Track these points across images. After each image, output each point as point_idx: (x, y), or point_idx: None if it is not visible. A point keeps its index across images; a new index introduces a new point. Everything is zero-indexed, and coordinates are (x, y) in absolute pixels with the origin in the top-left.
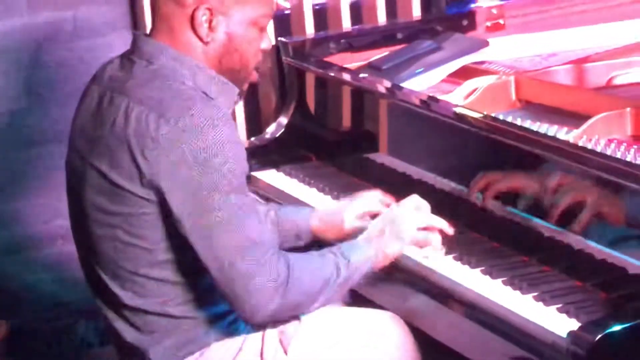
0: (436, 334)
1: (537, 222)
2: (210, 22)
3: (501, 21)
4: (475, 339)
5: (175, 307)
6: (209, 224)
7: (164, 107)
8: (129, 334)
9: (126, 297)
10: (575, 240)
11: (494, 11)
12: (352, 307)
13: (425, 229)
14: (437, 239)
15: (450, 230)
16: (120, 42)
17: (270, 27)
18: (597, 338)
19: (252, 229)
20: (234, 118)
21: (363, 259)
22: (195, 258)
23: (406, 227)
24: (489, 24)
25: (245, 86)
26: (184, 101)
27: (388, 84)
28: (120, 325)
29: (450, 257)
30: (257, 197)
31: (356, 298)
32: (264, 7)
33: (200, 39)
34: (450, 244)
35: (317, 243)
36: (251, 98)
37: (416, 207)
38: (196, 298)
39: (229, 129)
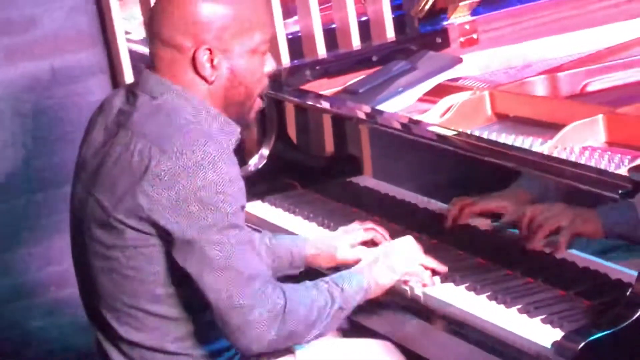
0: (428, 355)
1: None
2: (211, 61)
3: (474, 36)
4: (463, 356)
5: (172, 343)
6: (207, 259)
7: (166, 141)
8: None
9: (123, 331)
10: (556, 250)
11: (467, 27)
12: (347, 338)
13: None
14: (427, 274)
15: (443, 268)
16: (99, 87)
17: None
18: (580, 347)
19: (248, 263)
20: None
21: (356, 288)
22: (194, 292)
23: (399, 261)
24: (462, 39)
25: (253, 115)
26: (186, 137)
27: (367, 109)
28: (116, 358)
29: (437, 277)
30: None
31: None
32: (262, 34)
33: (205, 79)
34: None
35: (309, 271)
36: None
37: (410, 246)
38: (194, 334)
39: (229, 167)
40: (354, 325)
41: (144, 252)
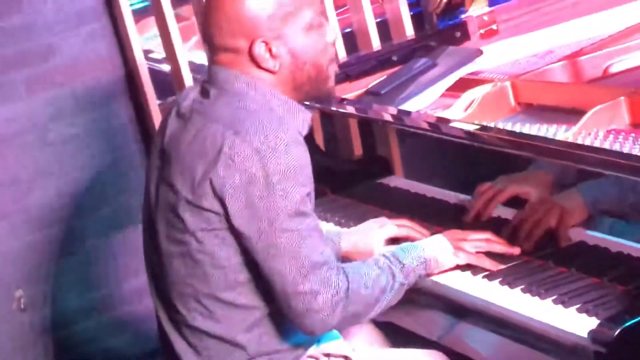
0: (469, 354)
1: None
2: (270, 51)
3: (494, 27)
4: (501, 352)
5: (242, 334)
6: (274, 245)
7: (239, 125)
8: (186, 355)
9: (191, 318)
10: (589, 236)
11: (486, 18)
12: (396, 349)
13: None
14: (490, 265)
15: (515, 250)
16: (123, 111)
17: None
18: (616, 333)
19: (314, 250)
20: None
21: (417, 262)
22: (262, 279)
23: (463, 246)
24: (482, 31)
25: (332, 83)
26: (259, 122)
27: (392, 110)
28: (179, 347)
29: (468, 272)
30: None
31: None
32: (311, 9)
33: (269, 71)
34: None
35: None
36: None
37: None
38: (263, 326)
39: (300, 153)
40: (400, 333)
41: (216, 236)
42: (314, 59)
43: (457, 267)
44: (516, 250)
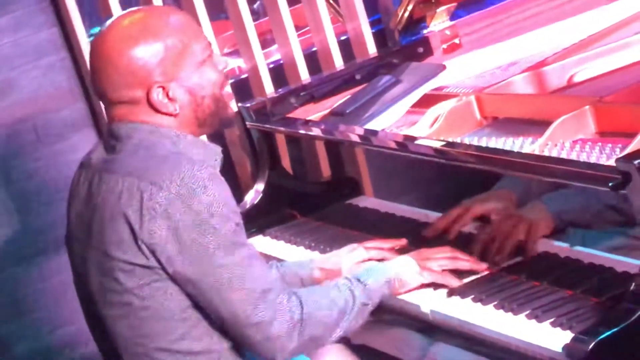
0: None
1: None
2: (167, 95)
3: (457, 41)
4: None
5: None
6: (217, 283)
7: (153, 174)
8: None
9: None
10: (560, 249)
11: (448, 32)
12: None
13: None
14: (455, 282)
15: (481, 266)
16: (86, 142)
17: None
18: (591, 347)
19: (258, 279)
20: None
21: (381, 282)
22: (213, 318)
23: (431, 265)
24: (445, 46)
25: (230, 110)
26: (171, 166)
27: (358, 130)
28: None
29: (441, 290)
30: None
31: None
32: (199, 43)
33: (170, 114)
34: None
35: None
36: (227, 167)
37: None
38: None
39: (219, 188)
40: (361, 349)
41: (158, 288)
42: (210, 91)
43: (430, 285)
44: (482, 266)
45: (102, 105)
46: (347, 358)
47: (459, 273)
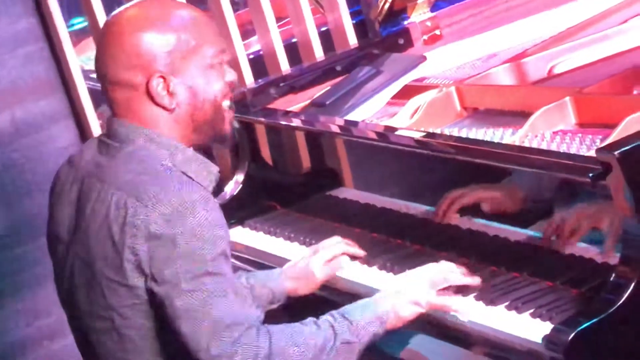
0: None
1: (500, 227)
2: (167, 88)
3: (437, 32)
4: None
5: None
6: (184, 307)
7: (141, 191)
8: None
9: None
10: (539, 240)
11: (428, 23)
12: None
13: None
14: (457, 302)
15: (475, 281)
16: (64, 133)
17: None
18: (570, 338)
19: (227, 311)
20: None
21: (370, 318)
22: (176, 343)
23: (422, 292)
24: (425, 37)
25: (228, 127)
26: (162, 184)
27: (338, 121)
28: None
29: None
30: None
31: None
32: (212, 47)
33: (165, 108)
34: None
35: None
36: (207, 158)
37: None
38: None
39: (207, 212)
40: None
41: (140, 310)
42: (212, 98)
43: None
44: (476, 281)
45: (104, 94)
46: None
47: None
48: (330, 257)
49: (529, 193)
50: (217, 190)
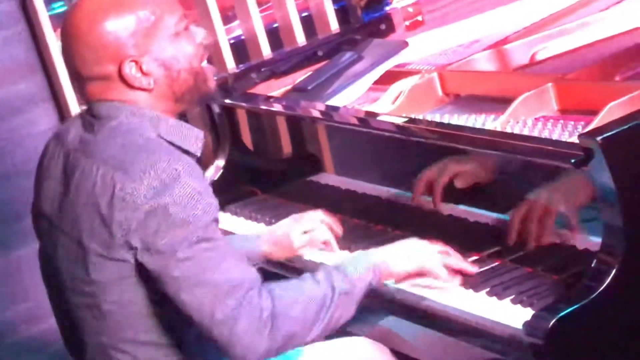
0: (402, 349)
1: (481, 213)
2: (141, 69)
3: (419, 18)
4: (436, 347)
5: None
6: (183, 276)
7: (127, 164)
8: None
9: None
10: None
11: (410, 9)
12: (329, 340)
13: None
14: (444, 273)
15: (472, 270)
16: (44, 117)
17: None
18: (551, 324)
19: (226, 273)
20: None
21: (363, 269)
22: (178, 313)
23: (418, 254)
24: (407, 23)
25: (211, 84)
26: (147, 156)
27: (319, 106)
28: None
29: None
30: None
31: None
32: (174, 14)
33: (144, 89)
34: None
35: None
36: None
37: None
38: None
39: (194, 180)
40: None
41: (125, 284)
42: (187, 65)
43: None
44: (473, 269)
45: (75, 86)
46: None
47: None
48: (309, 228)
49: (498, 160)
50: None
